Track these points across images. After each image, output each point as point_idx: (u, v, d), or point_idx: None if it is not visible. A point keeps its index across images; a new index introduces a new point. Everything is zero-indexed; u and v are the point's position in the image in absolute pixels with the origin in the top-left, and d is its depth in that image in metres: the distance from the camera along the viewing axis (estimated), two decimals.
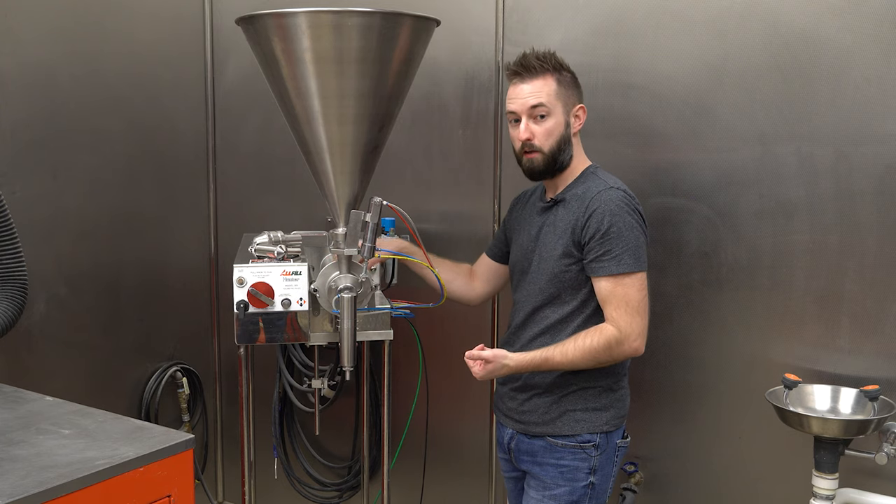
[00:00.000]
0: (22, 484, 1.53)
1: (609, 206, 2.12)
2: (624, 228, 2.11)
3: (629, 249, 2.11)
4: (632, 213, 2.14)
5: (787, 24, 2.35)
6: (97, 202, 2.97)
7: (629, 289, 2.12)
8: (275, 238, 2.47)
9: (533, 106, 2.17)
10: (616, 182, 2.20)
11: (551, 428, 2.23)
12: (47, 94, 2.78)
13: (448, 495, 3.10)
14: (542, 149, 2.19)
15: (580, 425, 2.21)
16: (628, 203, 2.15)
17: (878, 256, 2.28)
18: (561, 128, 2.20)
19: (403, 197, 2.49)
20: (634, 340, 2.13)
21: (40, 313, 2.77)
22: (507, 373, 2.19)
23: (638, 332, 2.13)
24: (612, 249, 2.11)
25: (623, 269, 2.11)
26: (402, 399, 3.03)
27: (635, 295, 2.12)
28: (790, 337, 2.42)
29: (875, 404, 2.19)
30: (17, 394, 2.05)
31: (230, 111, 3.37)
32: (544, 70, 2.18)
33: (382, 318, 2.55)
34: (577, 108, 2.23)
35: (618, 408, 2.25)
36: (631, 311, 2.11)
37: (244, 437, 2.61)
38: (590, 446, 2.21)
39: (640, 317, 2.13)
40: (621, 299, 2.12)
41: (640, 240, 2.14)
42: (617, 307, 2.12)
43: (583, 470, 2.21)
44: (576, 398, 2.22)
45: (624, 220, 2.12)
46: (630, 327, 2.11)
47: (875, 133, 2.25)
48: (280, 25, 2.28)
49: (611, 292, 2.13)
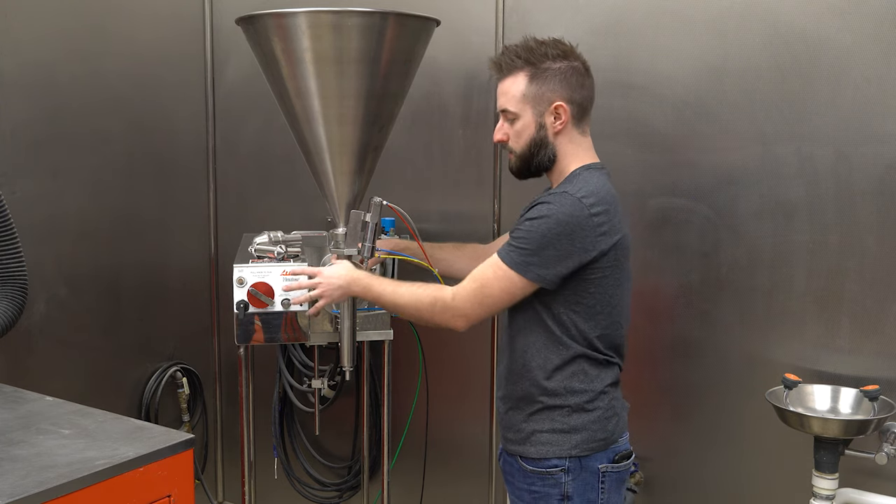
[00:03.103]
0: (22, 484, 1.53)
1: (544, 208, 1.94)
2: (535, 229, 1.92)
3: (521, 249, 1.93)
4: (561, 225, 1.91)
5: (787, 24, 2.35)
6: (97, 202, 2.97)
7: (494, 279, 1.96)
8: (275, 238, 2.47)
9: (502, 110, 2.07)
10: (580, 189, 1.95)
11: (522, 448, 2.06)
12: (47, 95, 2.78)
13: (448, 495, 3.10)
14: (514, 150, 2.07)
15: (546, 448, 2.01)
16: (569, 213, 1.91)
17: (878, 256, 2.28)
18: (531, 129, 2.03)
19: (403, 197, 2.49)
20: (458, 316, 1.99)
21: (40, 313, 2.77)
22: (344, 281, 2.16)
23: (466, 312, 1.99)
24: (513, 240, 1.96)
25: (504, 258, 1.95)
26: (402, 399, 3.03)
27: (493, 288, 1.97)
28: (790, 337, 2.41)
29: (875, 404, 2.19)
30: (17, 394, 2.05)
31: (230, 111, 3.37)
32: (514, 68, 2.02)
33: (382, 318, 2.55)
34: (555, 106, 2.00)
35: (593, 430, 2.01)
36: (477, 294, 1.98)
37: (244, 437, 2.61)
38: (558, 472, 2.00)
39: (480, 306, 1.99)
40: (479, 279, 1.99)
41: (547, 252, 1.91)
42: (472, 280, 1.99)
43: (554, 497, 2.02)
44: (542, 418, 2.03)
45: (543, 224, 1.92)
46: (464, 303, 1.98)
47: (875, 133, 2.25)
48: (280, 25, 2.29)
49: (482, 267, 2.00)
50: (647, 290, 2.56)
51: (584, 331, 1.99)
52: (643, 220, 2.56)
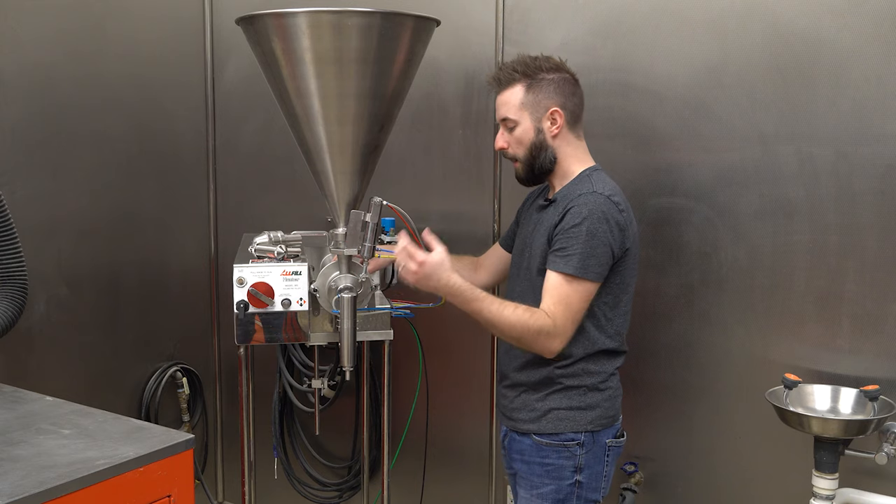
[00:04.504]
0: (22, 484, 1.53)
1: (583, 209, 2.09)
2: (585, 232, 2.07)
3: (580, 254, 2.07)
4: (604, 222, 2.09)
5: (787, 24, 2.35)
6: (97, 202, 2.97)
7: (573, 294, 2.09)
8: (275, 238, 2.47)
9: (502, 119, 2.24)
10: (604, 188, 2.15)
11: (537, 426, 2.22)
12: (48, 95, 2.78)
13: (448, 495, 3.10)
14: (517, 156, 2.25)
15: (564, 423, 2.19)
16: (606, 211, 2.10)
17: (878, 256, 2.28)
18: (531, 134, 2.20)
19: (403, 197, 2.49)
20: (560, 343, 2.11)
21: (40, 313, 2.77)
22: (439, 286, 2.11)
23: (566, 336, 2.11)
24: (567, 248, 2.09)
25: (567, 270, 2.07)
26: (402, 399, 3.03)
27: (577, 302, 2.09)
28: (790, 337, 2.41)
29: (875, 404, 2.19)
30: (17, 394, 2.05)
31: (230, 111, 3.37)
32: (512, 80, 2.21)
33: (382, 318, 2.55)
34: (551, 112, 2.19)
35: (605, 407, 2.21)
36: (568, 315, 2.09)
37: (244, 437, 2.61)
38: (574, 445, 2.19)
39: (573, 324, 2.11)
40: (563, 299, 2.08)
41: (598, 250, 2.08)
42: (558, 304, 2.09)
43: (568, 468, 2.20)
44: (560, 396, 2.20)
45: (590, 225, 2.08)
46: (564, 329, 2.09)
47: (875, 133, 2.25)
48: (280, 25, 2.29)
49: (555, 287, 2.09)
50: (647, 290, 2.56)
51: (612, 319, 2.19)
52: (643, 220, 2.56)
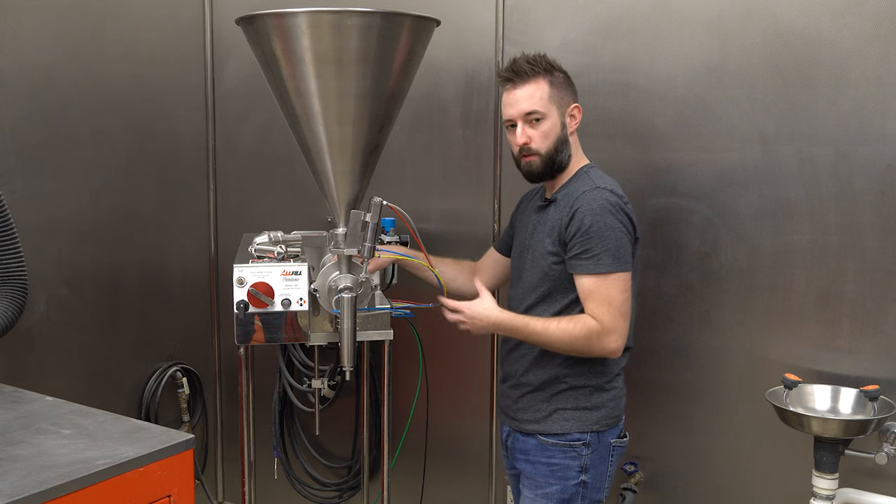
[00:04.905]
0: (22, 484, 1.53)
1: (591, 206, 2.11)
2: (604, 228, 2.09)
3: (608, 249, 2.09)
4: (615, 214, 2.11)
5: (787, 24, 2.35)
6: (97, 202, 2.97)
7: (611, 289, 2.09)
8: (275, 238, 2.47)
9: (528, 112, 2.18)
10: (605, 182, 2.18)
11: (542, 426, 2.23)
12: (48, 95, 2.78)
13: (448, 495, 3.10)
14: (540, 151, 2.20)
15: (570, 424, 2.20)
16: (613, 203, 2.12)
17: (878, 256, 2.28)
18: (557, 129, 2.19)
19: (403, 197, 2.49)
20: (616, 339, 2.09)
21: (40, 313, 2.77)
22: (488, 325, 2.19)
23: (621, 331, 2.10)
24: (591, 248, 2.09)
25: (601, 269, 2.08)
26: (402, 399, 3.03)
27: (618, 295, 2.09)
28: (790, 337, 2.41)
29: (875, 404, 2.19)
30: (17, 394, 2.05)
31: (230, 111, 3.37)
32: (535, 73, 2.18)
33: (382, 318, 2.55)
34: (573, 108, 2.22)
35: (610, 408, 2.23)
36: (614, 311, 2.09)
37: (244, 437, 2.61)
38: (580, 445, 2.20)
39: (622, 318, 2.10)
40: (604, 298, 2.09)
41: (622, 241, 2.11)
42: (599, 305, 2.09)
43: (573, 468, 2.20)
44: (566, 397, 2.21)
45: (604, 220, 2.10)
46: (613, 324, 2.08)
47: (875, 133, 2.25)
48: (280, 25, 2.28)
49: (592, 291, 2.10)
50: (647, 290, 2.56)
51: None
52: (643, 220, 2.55)
